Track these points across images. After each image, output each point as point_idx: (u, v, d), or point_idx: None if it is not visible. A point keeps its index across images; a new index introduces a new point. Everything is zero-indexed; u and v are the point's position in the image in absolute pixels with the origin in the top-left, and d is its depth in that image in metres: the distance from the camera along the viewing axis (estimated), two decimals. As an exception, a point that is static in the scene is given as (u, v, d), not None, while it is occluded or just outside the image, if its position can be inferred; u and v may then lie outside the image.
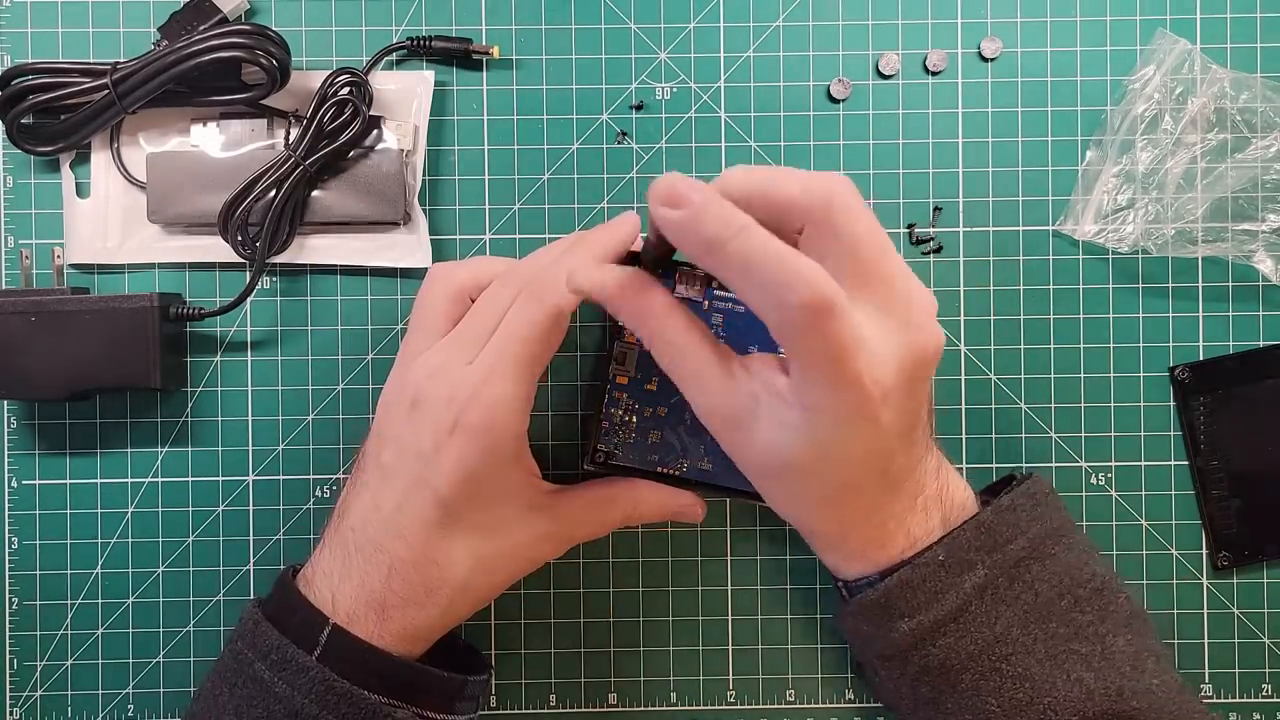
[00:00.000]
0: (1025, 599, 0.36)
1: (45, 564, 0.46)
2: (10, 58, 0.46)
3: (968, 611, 0.36)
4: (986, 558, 0.36)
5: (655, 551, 0.46)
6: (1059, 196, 0.46)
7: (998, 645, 0.36)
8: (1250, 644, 0.46)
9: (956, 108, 0.46)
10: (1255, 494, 0.46)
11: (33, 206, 0.46)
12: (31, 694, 0.46)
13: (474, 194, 0.46)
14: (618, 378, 0.42)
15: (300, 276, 0.46)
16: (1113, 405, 0.46)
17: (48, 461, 0.46)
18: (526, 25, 0.46)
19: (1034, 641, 0.36)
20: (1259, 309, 0.46)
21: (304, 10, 0.46)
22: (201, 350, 0.46)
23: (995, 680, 0.36)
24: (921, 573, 0.36)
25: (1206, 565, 0.46)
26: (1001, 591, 0.36)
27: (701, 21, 0.46)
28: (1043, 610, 0.36)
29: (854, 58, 0.46)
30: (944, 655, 0.36)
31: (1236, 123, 0.45)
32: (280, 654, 0.36)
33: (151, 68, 0.43)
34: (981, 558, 0.36)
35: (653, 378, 0.42)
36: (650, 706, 0.46)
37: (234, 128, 0.45)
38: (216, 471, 0.46)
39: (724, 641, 0.46)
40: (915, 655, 0.37)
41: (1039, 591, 0.37)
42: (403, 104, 0.45)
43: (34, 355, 0.43)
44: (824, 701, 0.46)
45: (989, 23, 0.46)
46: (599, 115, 0.46)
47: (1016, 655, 0.36)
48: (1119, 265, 0.46)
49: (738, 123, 0.46)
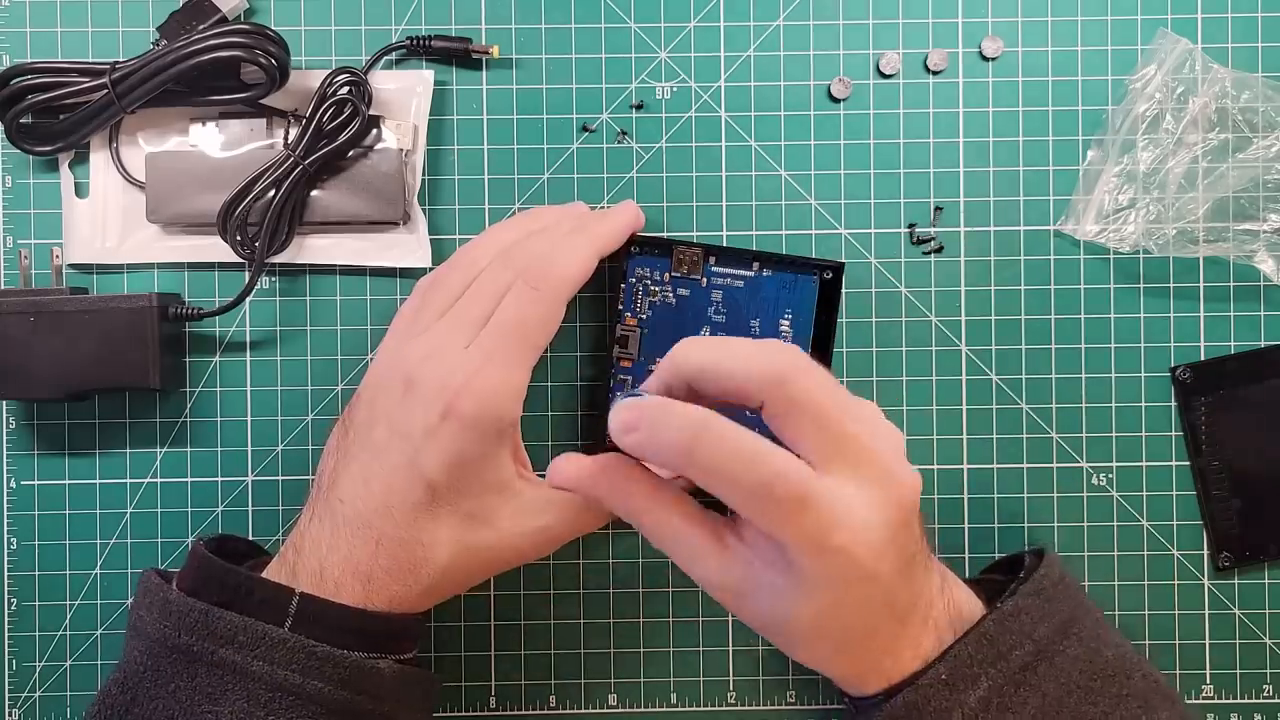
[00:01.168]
0: (1033, 703, 0.35)
1: (44, 565, 0.46)
2: (9, 57, 0.46)
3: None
4: (990, 669, 0.35)
5: (655, 551, 0.46)
6: (1060, 196, 0.46)
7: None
8: (1251, 645, 0.46)
9: (957, 107, 0.46)
10: (1256, 494, 0.46)
11: (31, 206, 0.46)
12: (30, 695, 0.46)
13: (474, 194, 0.46)
14: (621, 360, 0.43)
15: (299, 276, 0.46)
16: (1114, 405, 0.46)
17: (46, 462, 0.46)
18: (526, 24, 0.46)
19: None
20: (1260, 309, 0.46)
21: (303, 10, 0.46)
22: (200, 350, 0.46)
23: None
24: (925, 693, 0.35)
25: (1208, 566, 0.46)
26: (1007, 700, 0.35)
27: (702, 21, 0.46)
28: (1052, 711, 0.36)
29: (855, 57, 0.46)
30: None
31: (1238, 122, 0.45)
32: (249, 634, 0.35)
33: (150, 67, 0.43)
34: (985, 670, 0.35)
35: (655, 358, 0.42)
36: (650, 707, 0.46)
37: (233, 127, 0.45)
38: (216, 472, 0.46)
39: (724, 642, 0.46)
40: None
41: (1046, 693, 0.36)
42: (402, 103, 0.45)
43: (33, 355, 0.43)
44: (824, 703, 0.46)
45: (990, 22, 0.46)
46: (599, 115, 0.46)
47: None
48: (1120, 265, 0.46)
49: (738, 122, 0.46)
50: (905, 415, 0.46)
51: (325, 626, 0.36)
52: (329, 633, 0.36)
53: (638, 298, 0.43)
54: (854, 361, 0.46)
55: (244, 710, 0.35)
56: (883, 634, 0.35)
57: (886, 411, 0.45)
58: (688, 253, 0.40)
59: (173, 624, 0.36)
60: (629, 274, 0.43)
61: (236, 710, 0.35)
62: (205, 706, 0.35)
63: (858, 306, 0.46)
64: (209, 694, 0.35)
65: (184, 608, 0.36)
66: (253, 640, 0.35)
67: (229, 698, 0.35)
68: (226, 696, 0.35)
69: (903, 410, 0.46)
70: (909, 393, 0.46)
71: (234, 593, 0.37)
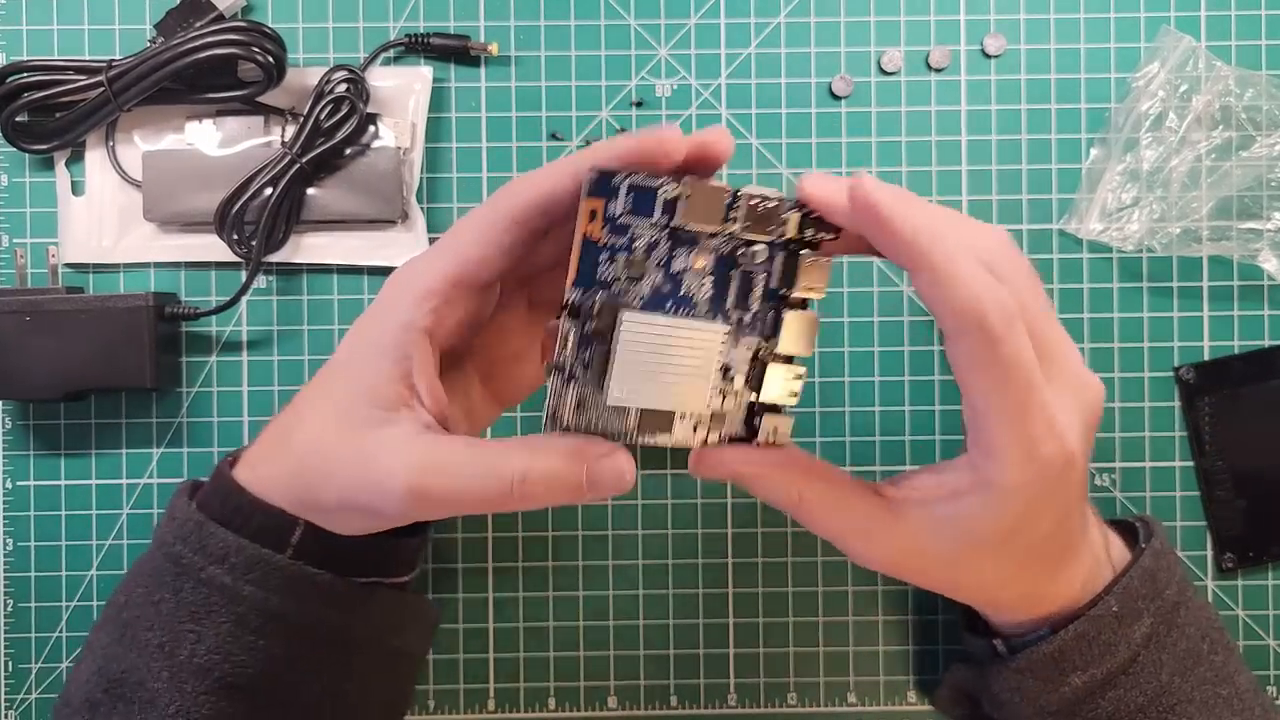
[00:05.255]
0: (1180, 645, 0.36)
1: (40, 566, 0.46)
2: (5, 55, 0.46)
3: (1137, 662, 0.35)
4: (1151, 605, 0.36)
5: (655, 554, 0.46)
6: (1063, 195, 0.46)
7: (1164, 696, 0.35)
8: (1255, 646, 0.46)
9: (960, 105, 0.46)
10: (1260, 495, 0.45)
11: (27, 205, 0.46)
12: (27, 697, 0.46)
13: (472, 192, 0.46)
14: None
15: (297, 275, 0.46)
16: (1117, 405, 0.46)
17: (42, 462, 0.46)
18: (525, 21, 0.46)
19: (1192, 689, 0.36)
20: (1264, 308, 0.46)
21: (300, 7, 0.46)
22: (197, 350, 0.46)
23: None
24: (1097, 625, 0.35)
25: (1211, 567, 0.46)
26: (1162, 639, 0.36)
27: (702, 18, 0.46)
28: (1194, 655, 0.36)
29: (856, 54, 0.46)
30: (1113, 708, 0.36)
31: (1241, 120, 0.45)
32: (242, 556, 0.34)
33: (147, 65, 0.42)
34: (1147, 606, 0.36)
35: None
36: (650, 710, 0.46)
37: (230, 125, 0.45)
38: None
39: (724, 645, 0.46)
40: (1084, 709, 0.36)
41: (1189, 636, 0.36)
42: (400, 101, 0.45)
43: (28, 355, 0.42)
44: (825, 705, 0.46)
45: (992, 19, 0.46)
46: (599, 112, 0.46)
47: (1180, 705, 0.36)
48: (1123, 264, 0.46)
49: (739, 120, 0.46)
50: (908, 415, 0.46)
51: (321, 556, 0.35)
52: (326, 561, 0.35)
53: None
54: (856, 361, 0.46)
55: (229, 633, 0.34)
56: (1064, 550, 0.35)
57: (889, 411, 0.46)
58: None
59: (173, 532, 0.35)
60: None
61: (222, 632, 0.34)
62: (188, 625, 0.34)
63: (860, 306, 0.46)
64: (192, 611, 0.34)
65: (184, 516, 0.35)
66: (247, 563, 0.34)
67: (214, 618, 0.34)
68: (211, 617, 0.34)
69: (905, 410, 0.46)
70: (911, 393, 0.46)
71: (234, 513, 0.35)
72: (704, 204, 0.31)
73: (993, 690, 0.38)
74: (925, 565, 0.35)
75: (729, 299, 0.32)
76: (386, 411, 0.33)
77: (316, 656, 0.36)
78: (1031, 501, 0.32)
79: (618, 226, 0.31)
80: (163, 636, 0.34)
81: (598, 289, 0.31)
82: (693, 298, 0.32)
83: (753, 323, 0.33)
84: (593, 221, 0.30)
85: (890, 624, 0.46)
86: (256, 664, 0.34)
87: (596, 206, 0.30)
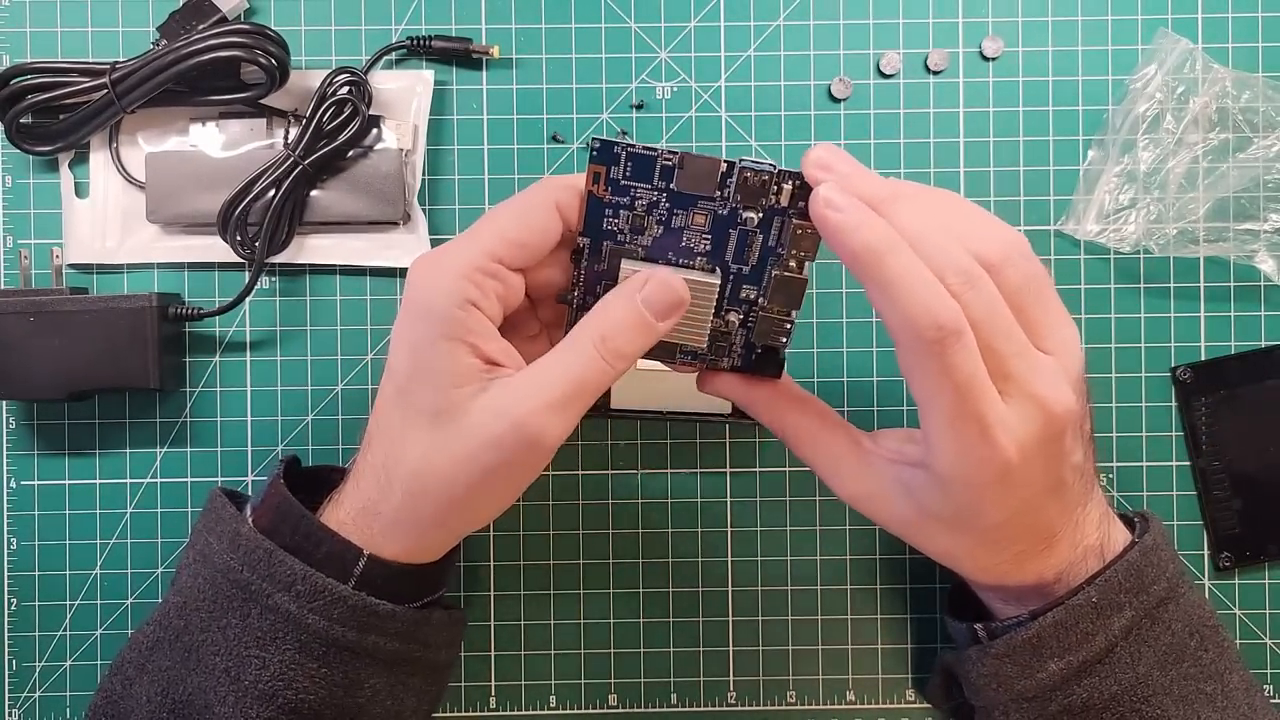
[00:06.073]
0: (1164, 640, 0.37)
1: (44, 565, 0.46)
2: (9, 57, 0.46)
3: (1114, 653, 0.36)
4: (1134, 599, 0.36)
5: (655, 553, 0.46)
6: (1060, 196, 0.46)
7: (1139, 687, 0.36)
8: (1252, 645, 0.46)
9: (958, 107, 0.46)
10: (1257, 495, 0.46)
11: (31, 206, 0.46)
12: (30, 695, 0.46)
13: (474, 194, 0.46)
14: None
15: (299, 276, 0.46)
16: (1114, 405, 0.46)
17: (46, 462, 0.46)
18: (526, 24, 0.46)
19: (1170, 683, 0.36)
20: (1261, 309, 0.46)
21: (303, 9, 0.46)
22: (200, 350, 0.46)
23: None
24: (1075, 614, 0.36)
25: (1208, 566, 0.46)
26: (1144, 633, 0.36)
27: (702, 20, 0.46)
28: (1178, 650, 0.37)
29: (855, 57, 0.46)
30: (1087, 696, 0.36)
31: (1238, 122, 0.45)
32: (308, 584, 0.35)
33: (150, 67, 0.43)
34: (1129, 599, 0.36)
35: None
36: (650, 708, 0.46)
37: (233, 127, 0.45)
38: (215, 472, 0.46)
39: (724, 643, 0.46)
40: (1059, 695, 0.37)
41: (1174, 631, 0.37)
42: (402, 103, 0.45)
43: (33, 356, 0.43)
44: (825, 703, 0.46)
45: (990, 22, 0.46)
46: (599, 115, 0.46)
47: (1156, 697, 0.36)
48: (1121, 265, 0.46)
49: (739, 122, 0.46)
50: (906, 416, 0.46)
51: (385, 583, 0.36)
52: (387, 591, 0.36)
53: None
54: (855, 361, 0.46)
55: (294, 660, 0.35)
56: (1031, 539, 0.36)
57: (888, 411, 0.46)
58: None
59: (239, 558, 0.36)
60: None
61: (286, 659, 0.35)
62: (254, 650, 0.35)
63: (859, 306, 0.46)
64: (259, 638, 0.35)
65: (253, 544, 0.36)
66: (312, 592, 0.35)
67: (279, 645, 0.35)
68: (277, 644, 0.35)
69: (903, 410, 0.46)
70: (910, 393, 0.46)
71: (304, 539, 0.36)
72: (699, 175, 0.34)
73: (970, 676, 0.39)
74: (885, 516, 0.38)
75: (728, 253, 0.35)
76: (474, 385, 0.34)
77: (375, 683, 0.36)
78: (971, 495, 0.34)
79: (620, 187, 0.34)
80: (228, 661, 0.35)
81: (603, 239, 0.35)
82: (693, 249, 0.35)
83: (750, 275, 0.36)
84: (597, 183, 0.34)
85: (889, 622, 0.46)
86: (318, 690, 0.35)
87: (600, 170, 0.34)
